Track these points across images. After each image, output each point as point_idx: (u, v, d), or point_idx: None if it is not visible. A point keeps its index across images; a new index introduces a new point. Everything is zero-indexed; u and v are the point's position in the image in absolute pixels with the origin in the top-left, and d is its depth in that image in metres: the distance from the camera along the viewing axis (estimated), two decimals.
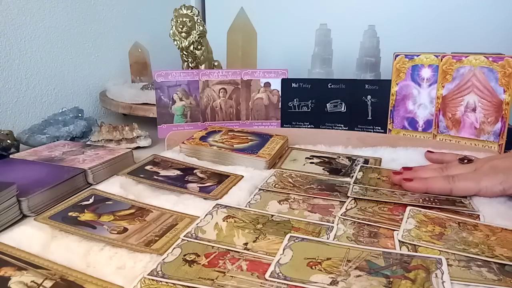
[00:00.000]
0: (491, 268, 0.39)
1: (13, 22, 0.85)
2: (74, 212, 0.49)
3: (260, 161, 0.66)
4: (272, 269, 0.38)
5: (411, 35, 1.06)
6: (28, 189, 0.52)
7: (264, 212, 0.50)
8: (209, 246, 0.42)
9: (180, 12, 0.87)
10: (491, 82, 0.68)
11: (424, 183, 0.55)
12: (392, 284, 0.36)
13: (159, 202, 0.53)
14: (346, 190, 0.56)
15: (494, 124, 0.69)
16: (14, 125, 0.86)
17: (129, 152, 0.69)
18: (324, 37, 0.99)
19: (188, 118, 0.82)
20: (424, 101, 0.75)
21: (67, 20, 0.97)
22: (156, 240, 0.44)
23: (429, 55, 0.74)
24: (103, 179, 0.62)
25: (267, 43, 1.07)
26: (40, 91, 0.92)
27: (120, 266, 0.40)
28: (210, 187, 0.58)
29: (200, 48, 0.90)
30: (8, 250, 0.40)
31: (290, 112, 0.83)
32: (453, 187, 0.54)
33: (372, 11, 1.11)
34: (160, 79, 0.79)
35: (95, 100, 1.06)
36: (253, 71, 0.83)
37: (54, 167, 0.61)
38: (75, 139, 0.81)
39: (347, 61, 1.02)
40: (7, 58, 0.85)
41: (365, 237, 0.45)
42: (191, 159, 0.70)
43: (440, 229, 0.46)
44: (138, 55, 1.06)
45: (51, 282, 0.36)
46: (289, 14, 1.24)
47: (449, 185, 0.54)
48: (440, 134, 0.75)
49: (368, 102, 0.79)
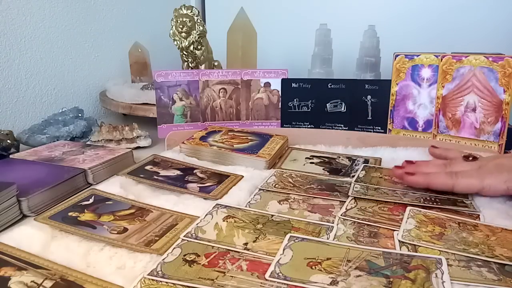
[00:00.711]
0: (491, 268, 0.39)
1: (13, 22, 0.85)
2: (74, 212, 0.49)
3: (260, 161, 0.66)
4: (272, 269, 0.38)
5: (411, 35, 1.06)
6: (28, 189, 0.52)
7: (264, 212, 0.50)
8: (209, 246, 0.42)
9: (180, 12, 0.87)
10: (491, 82, 0.68)
11: (426, 178, 0.54)
12: (392, 284, 0.36)
13: (159, 202, 0.53)
14: (346, 190, 0.57)
15: (494, 124, 0.69)
16: (14, 125, 0.86)
17: (129, 152, 0.69)
18: (324, 37, 0.99)
19: (188, 118, 0.82)
20: (424, 101, 0.75)
21: (67, 20, 0.97)
22: (156, 240, 0.44)
23: (429, 55, 0.74)
24: (103, 179, 0.62)
25: (267, 43, 1.06)
26: (40, 91, 0.92)
27: (120, 266, 0.40)
28: (210, 187, 0.58)
29: (200, 48, 0.90)
30: (8, 250, 0.40)
31: (290, 112, 0.83)
32: (455, 183, 0.53)
33: (372, 11, 1.11)
34: (160, 79, 0.79)
35: (95, 100, 1.06)
36: (253, 71, 0.83)
37: (54, 167, 0.61)
38: (75, 139, 0.81)
39: (347, 61, 1.02)
40: (7, 58, 0.85)
41: (365, 237, 0.45)
42: (191, 159, 0.70)
43: (440, 229, 0.46)
44: (138, 55, 1.06)
45: (51, 282, 0.36)
46: (289, 14, 1.24)
47: (451, 181, 0.53)
48: (440, 134, 0.75)
49: (368, 102, 0.79)
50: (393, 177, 0.60)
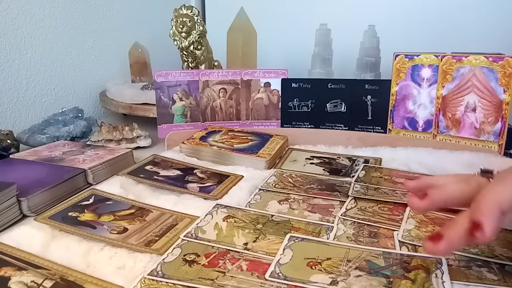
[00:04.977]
0: (491, 268, 0.39)
1: (13, 22, 0.85)
2: (74, 212, 0.49)
3: (260, 161, 0.66)
4: (272, 269, 0.38)
5: (411, 35, 1.06)
6: (28, 189, 0.52)
7: (264, 212, 0.50)
8: (209, 246, 0.42)
9: (180, 12, 0.87)
10: (491, 82, 0.68)
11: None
12: (392, 284, 0.36)
13: (159, 202, 0.53)
14: (346, 190, 0.56)
15: (494, 124, 0.69)
16: (14, 125, 0.86)
17: (129, 152, 0.69)
18: (324, 37, 0.99)
19: (188, 118, 0.82)
20: (424, 101, 0.75)
21: (67, 20, 0.97)
22: (156, 240, 0.44)
23: (429, 55, 0.74)
24: (103, 179, 0.62)
25: (267, 43, 1.06)
26: (40, 91, 0.92)
27: (120, 266, 0.40)
28: (210, 187, 0.58)
29: (200, 48, 0.90)
30: (8, 250, 0.40)
31: (290, 112, 0.83)
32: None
33: (372, 11, 1.11)
34: (160, 79, 0.79)
35: (95, 100, 1.06)
36: (253, 71, 0.83)
37: (54, 167, 0.61)
38: (75, 139, 0.81)
39: (347, 61, 1.02)
40: (7, 58, 0.85)
41: (365, 237, 0.45)
42: (191, 159, 0.70)
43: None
44: (138, 55, 1.06)
45: (51, 282, 0.36)
46: (289, 14, 1.24)
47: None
48: (440, 134, 0.75)
49: (368, 102, 0.79)
50: (393, 177, 0.61)
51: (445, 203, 0.41)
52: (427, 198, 0.39)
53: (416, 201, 0.40)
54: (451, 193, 0.40)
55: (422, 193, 0.40)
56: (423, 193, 0.40)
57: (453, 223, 0.37)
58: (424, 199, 0.40)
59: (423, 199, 0.40)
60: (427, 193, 0.40)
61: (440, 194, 0.40)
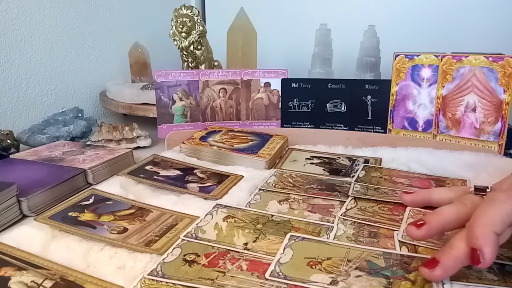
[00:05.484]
0: (491, 268, 0.39)
1: (13, 22, 0.85)
2: (74, 212, 0.49)
3: (260, 161, 0.66)
4: (272, 268, 0.38)
5: (411, 35, 1.06)
6: (28, 189, 0.52)
7: (264, 212, 0.50)
8: (209, 246, 0.42)
9: (180, 12, 0.87)
10: (491, 82, 0.68)
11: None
12: (392, 285, 0.36)
13: (159, 202, 0.53)
14: (346, 190, 0.56)
15: (494, 124, 0.69)
16: (14, 125, 0.86)
17: (129, 152, 0.69)
18: (324, 37, 0.99)
19: (188, 118, 0.82)
20: (424, 101, 0.75)
21: (67, 20, 0.97)
22: (156, 240, 0.44)
23: (429, 55, 0.74)
24: (103, 179, 0.62)
25: (267, 43, 1.06)
26: (40, 91, 0.92)
27: (120, 266, 0.40)
28: (210, 187, 0.58)
29: (200, 48, 0.90)
30: (8, 250, 0.40)
31: (290, 112, 0.83)
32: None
33: (372, 11, 1.11)
34: (160, 79, 0.79)
35: (95, 100, 1.06)
36: (253, 71, 0.83)
37: (54, 167, 0.61)
38: (75, 139, 0.81)
39: (347, 61, 1.02)
40: (7, 58, 0.85)
41: (365, 237, 0.45)
42: (191, 159, 0.70)
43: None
44: (138, 55, 1.06)
45: (51, 282, 0.36)
46: (289, 14, 1.24)
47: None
48: (440, 134, 0.75)
49: (368, 102, 0.79)
50: (393, 177, 0.61)
51: (443, 228, 0.41)
52: (424, 227, 0.40)
53: (414, 230, 0.41)
54: (447, 217, 0.41)
55: (420, 222, 0.41)
56: (420, 222, 0.41)
57: (447, 247, 0.37)
58: (421, 227, 0.40)
59: (420, 227, 0.40)
60: (424, 221, 0.41)
61: (437, 220, 0.41)
